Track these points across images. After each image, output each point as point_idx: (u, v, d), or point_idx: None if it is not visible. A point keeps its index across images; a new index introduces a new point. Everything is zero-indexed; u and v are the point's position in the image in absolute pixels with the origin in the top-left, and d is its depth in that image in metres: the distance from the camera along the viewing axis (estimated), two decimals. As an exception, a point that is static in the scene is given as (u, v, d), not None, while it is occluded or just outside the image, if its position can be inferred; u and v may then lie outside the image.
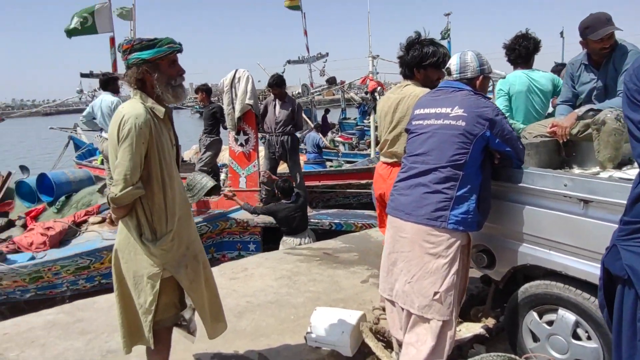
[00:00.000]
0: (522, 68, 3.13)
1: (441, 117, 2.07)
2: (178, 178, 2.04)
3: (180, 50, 1.94)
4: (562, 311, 1.97)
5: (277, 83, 5.23)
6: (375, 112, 8.09)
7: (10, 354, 2.71)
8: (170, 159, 1.96)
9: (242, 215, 5.03)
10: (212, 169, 5.78)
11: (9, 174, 8.76)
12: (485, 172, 2.07)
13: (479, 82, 2.15)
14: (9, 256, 4.31)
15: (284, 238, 4.63)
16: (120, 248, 1.98)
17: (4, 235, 6.68)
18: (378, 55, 8.46)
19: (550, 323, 2.04)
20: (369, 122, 12.87)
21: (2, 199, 8.34)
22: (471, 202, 1.99)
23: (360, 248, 4.17)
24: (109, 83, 5.27)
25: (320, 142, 8.42)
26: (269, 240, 5.02)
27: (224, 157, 6.82)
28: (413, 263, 2.06)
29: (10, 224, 7.05)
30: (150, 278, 1.91)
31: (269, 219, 4.87)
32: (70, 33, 6.87)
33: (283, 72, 14.56)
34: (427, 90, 2.51)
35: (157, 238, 1.91)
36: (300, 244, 4.52)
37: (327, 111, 14.07)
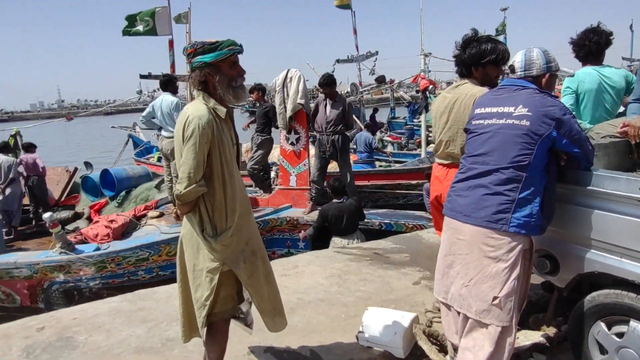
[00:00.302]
0: (592, 64, 2.95)
1: (503, 116, 2.00)
2: (238, 176, 2.10)
3: (240, 52, 2.00)
4: (634, 323, 1.85)
5: (328, 82, 5.25)
6: (426, 111, 7.96)
7: (79, 337, 2.90)
8: (230, 157, 2.02)
9: (292, 213, 5.10)
10: (263, 167, 5.89)
11: (76, 169, 9.38)
12: (551, 174, 1.98)
13: (545, 80, 2.06)
14: (77, 246, 4.60)
15: (334, 238, 4.64)
16: (185, 241, 2.06)
17: (71, 226, 7.17)
18: (430, 53, 8.27)
19: (620, 335, 1.92)
20: (419, 122, 12.63)
21: (69, 192, 8.94)
22: (534, 204, 1.91)
23: (411, 249, 4.11)
24: (168, 84, 5.50)
25: (373, 142, 8.38)
26: (318, 239, 5.05)
27: (273, 155, 6.95)
28: (471, 266, 2.01)
29: (77, 216, 7.55)
30: (210, 272, 1.97)
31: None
32: (130, 33, 7.21)
33: (332, 72, 14.58)
34: (484, 89, 2.44)
35: (217, 234, 1.97)
36: (347, 244, 4.51)
37: (375, 110, 13.94)
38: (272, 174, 6.47)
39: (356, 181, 5.61)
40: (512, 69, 2.11)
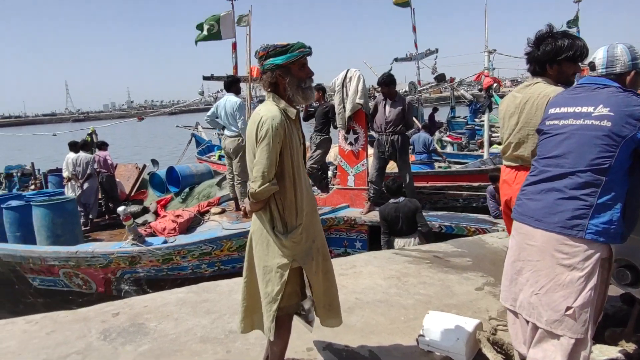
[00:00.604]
0: None
1: (581, 116, 1.89)
2: (305, 175, 2.15)
3: (309, 54, 2.05)
4: None
5: (387, 82, 5.20)
6: (489, 111, 7.67)
7: (150, 324, 3.08)
8: (298, 157, 2.07)
9: (350, 213, 5.11)
10: (322, 167, 5.95)
11: (144, 166, 9.95)
12: (634, 178, 1.84)
13: (630, 78, 1.92)
14: (146, 239, 4.89)
15: (392, 238, 4.60)
16: (254, 237, 2.13)
17: (140, 219, 7.62)
18: (495, 50, 7.94)
19: None
20: (481, 121, 12.20)
21: (139, 188, 9.51)
22: (615, 210, 1.79)
23: (473, 253, 3.99)
24: (232, 85, 5.69)
25: (431, 143, 8.21)
26: (375, 240, 5.02)
27: (330, 155, 6.99)
28: (542, 273, 1.92)
29: (145, 211, 7.99)
30: (280, 268, 2.03)
31: (377, 218, 4.88)
32: (199, 40, 7.56)
33: (390, 70, 14.40)
34: (559, 88, 2.31)
35: (288, 231, 2.03)
36: (405, 246, 4.45)
37: (435, 110, 13.60)
38: (330, 174, 6.51)
39: (415, 182, 5.53)
40: (592, 67, 1.99)
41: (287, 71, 2.01)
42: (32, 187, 9.79)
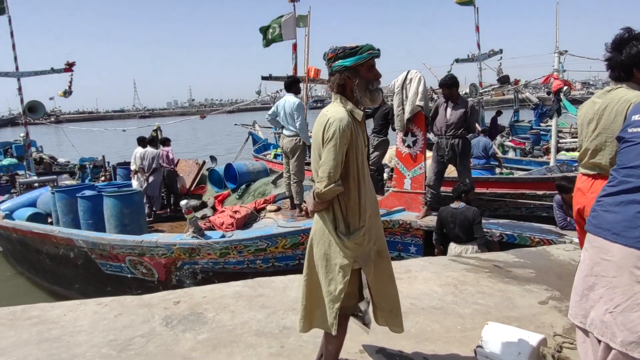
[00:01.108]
0: None
1: (670, 124, 1.74)
2: (369, 177, 2.14)
3: (378, 56, 2.05)
4: None
5: (449, 84, 5.07)
6: (558, 115, 7.26)
7: (208, 314, 3.20)
8: (363, 159, 2.07)
9: (405, 216, 5.03)
10: (378, 169, 5.91)
11: (204, 162, 10.33)
12: None
13: None
14: (206, 232, 5.08)
15: (450, 244, 4.47)
16: (316, 237, 2.14)
17: (199, 213, 7.94)
18: (566, 51, 7.48)
19: None
20: (547, 126, 11.57)
21: (198, 183, 9.90)
22: None
23: (537, 265, 3.79)
24: (292, 85, 5.78)
25: (491, 149, 7.90)
26: (431, 245, 4.91)
27: (385, 157, 6.90)
28: (618, 291, 1.78)
29: (204, 205, 8.31)
30: (342, 268, 2.03)
31: (433, 223, 4.77)
32: (267, 44, 7.77)
33: (449, 71, 13.99)
34: None
35: (350, 232, 2.03)
36: (462, 253, 4.31)
37: (498, 113, 13.02)
38: (385, 176, 6.45)
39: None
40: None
41: (356, 73, 2.01)
42: (102, 178, 10.48)
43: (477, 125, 8.63)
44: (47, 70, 10.70)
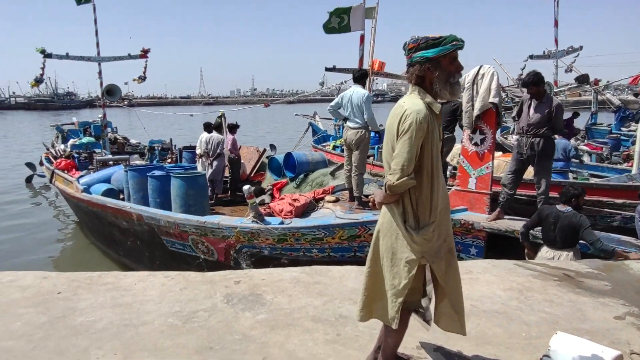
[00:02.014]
0: None
1: None
2: (441, 172, 2.09)
3: (461, 47, 1.97)
4: None
5: (533, 81, 4.79)
6: (645, 119, 6.67)
7: (266, 296, 3.28)
8: (437, 153, 2.02)
9: (467, 216, 4.86)
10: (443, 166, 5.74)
11: (264, 150, 10.56)
12: None
13: None
14: (265, 218, 5.20)
15: (542, 247, 4.23)
16: (383, 230, 2.12)
17: (257, 199, 8.14)
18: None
19: None
20: (630, 131, 10.77)
21: (258, 170, 10.15)
22: None
23: (613, 278, 3.53)
24: (362, 77, 5.73)
25: (570, 151, 7.43)
26: (493, 248, 4.72)
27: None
28: None
29: (262, 191, 8.51)
30: (408, 263, 2.01)
31: (498, 225, 4.58)
32: (329, 31, 7.73)
33: (523, 68, 13.27)
34: None
35: (419, 227, 2.00)
36: (555, 258, 4.07)
37: (575, 114, 12.21)
38: (447, 174, 6.26)
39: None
40: None
41: (437, 65, 1.95)
42: (169, 160, 11.00)
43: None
44: (125, 56, 11.39)
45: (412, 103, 1.96)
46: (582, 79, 11.74)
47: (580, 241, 4.03)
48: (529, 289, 3.33)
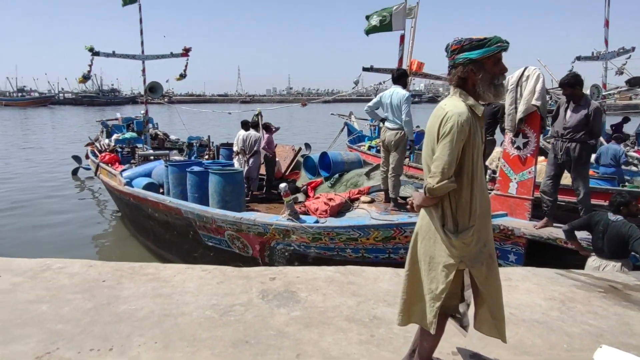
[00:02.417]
0: None
1: None
2: (483, 176, 2.05)
3: (506, 49, 1.95)
4: None
5: (570, 82, 4.61)
6: None
7: (301, 294, 3.32)
8: (479, 156, 1.99)
9: (507, 222, 4.73)
10: (482, 169, 5.62)
11: (300, 149, 10.64)
12: None
13: None
14: (300, 216, 5.24)
15: (591, 256, 4.07)
16: (421, 233, 2.10)
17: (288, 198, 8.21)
18: None
19: None
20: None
21: (293, 168, 10.23)
22: None
23: (664, 292, 3.36)
24: (401, 77, 5.68)
25: (622, 157, 7.10)
26: (533, 256, 4.58)
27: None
28: None
29: (297, 190, 8.58)
30: (446, 267, 1.99)
31: (539, 232, 4.44)
32: (370, 31, 7.69)
33: (570, 70, 12.74)
34: None
35: (458, 230, 1.97)
36: (601, 268, 3.91)
37: (626, 119, 11.51)
38: (486, 177, 6.11)
39: (592, 199, 4.87)
40: None
41: (481, 66, 1.93)
42: (207, 156, 11.25)
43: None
44: (167, 54, 11.76)
45: (454, 105, 1.94)
46: (635, 82, 11.15)
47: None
48: (571, 300, 3.22)
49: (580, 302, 3.19)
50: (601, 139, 7.84)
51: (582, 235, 4.22)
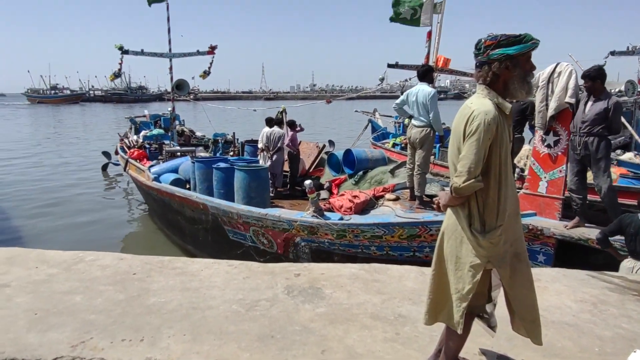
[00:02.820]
0: None
1: None
2: (511, 174, 2.02)
3: (537, 47, 1.95)
4: None
5: (591, 75, 4.44)
6: None
7: (326, 290, 3.33)
8: (507, 155, 1.96)
9: (536, 221, 4.63)
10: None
11: (324, 146, 10.64)
12: None
13: None
14: (325, 213, 5.26)
15: (627, 259, 3.96)
16: (447, 232, 2.09)
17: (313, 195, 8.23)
18: None
19: None
20: None
21: (317, 165, 10.25)
22: None
23: None
24: (426, 74, 5.61)
25: None
26: (562, 257, 4.47)
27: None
28: None
29: (321, 187, 8.59)
30: (473, 267, 1.97)
31: (570, 232, 4.33)
32: (398, 19, 7.54)
33: (603, 65, 12.36)
34: None
35: (485, 230, 1.95)
36: (634, 269, 3.79)
37: None
38: (514, 176, 5.99)
39: (623, 199, 4.71)
40: None
41: (517, 63, 1.92)
42: (232, 153, 11.39)
43: (629, 127, 7.55)
44: (194, 52, 11.92)
45: (481, 104, 1.92)
46: (673, 78, 10.72)
47: None
48: (603, 302, 3.13)
49: (613, 305, 3.10)
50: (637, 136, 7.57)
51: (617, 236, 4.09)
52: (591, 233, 4.26)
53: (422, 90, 5.37)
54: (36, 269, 3.60)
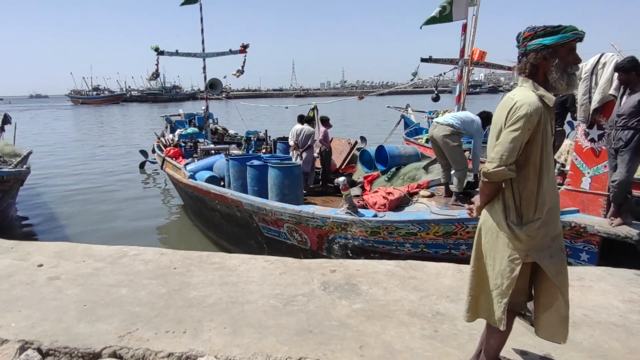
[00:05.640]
0: None
1: None
2: (552, 168, 1.97)
3: (581, 39, 1.89)
4: None
5: (626, 67, 4.19)
6: None
7: (362, 287, 3.34)
8: (548, 148, 1.92)
9: (579, 218, 4.46)
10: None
11: (356, 142, 10.60)
12: None
13: None
14: (359, 210, 5.24)
15: None
16: (484, 227, 2.06)
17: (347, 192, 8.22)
18: None
19: None
20: None
21: (349, 162, 10.24)
22: None
23: None
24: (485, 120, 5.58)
25: None
26: (607, 256, 4.30)
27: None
28: None
29: (353, 184, 8.57)
30: (512, 262, 1.93)
31: (616, 230, 4.15)
32: (427, 23, 7.47)
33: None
34: None
35: (522, 223, 1.92)
36: None
37: None
38: (555, 171, 5.79)
39: None
40: None
41: (554, 53, 1.88)
42: (264, 150, 11.51)
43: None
44: (226, 51, 12.12)
45: (524, 95, 1.88)
46: None
47: None
48: (654, 303, 3.00)
49: (664, 305, 2.97)
50: None
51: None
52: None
53: (476, 121, 5.42)
54: (83, 263, 3.77)
